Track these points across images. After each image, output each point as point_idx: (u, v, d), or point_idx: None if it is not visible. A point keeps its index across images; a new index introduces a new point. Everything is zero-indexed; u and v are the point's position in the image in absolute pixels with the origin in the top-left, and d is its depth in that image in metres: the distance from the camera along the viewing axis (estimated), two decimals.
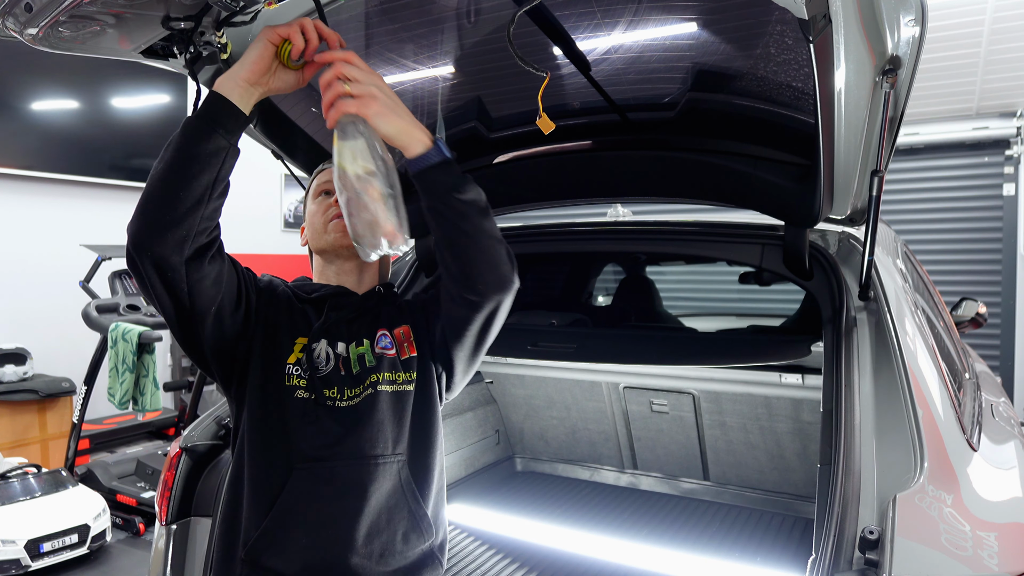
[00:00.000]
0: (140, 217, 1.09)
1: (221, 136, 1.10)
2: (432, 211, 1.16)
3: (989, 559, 1.04)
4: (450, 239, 1.17)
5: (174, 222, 1.07)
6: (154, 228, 1.08)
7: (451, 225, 1.15)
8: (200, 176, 1.08)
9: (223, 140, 1.10)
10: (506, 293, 1.21)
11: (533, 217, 2.57)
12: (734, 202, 1.82)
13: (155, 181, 1.09)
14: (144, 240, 1.08)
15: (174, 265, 1.09)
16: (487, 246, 1.17)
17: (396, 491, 1.25)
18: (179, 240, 1.08)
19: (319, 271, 1.40)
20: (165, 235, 1.07)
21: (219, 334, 1.20)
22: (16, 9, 1.08)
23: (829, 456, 1.33)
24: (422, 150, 1.13)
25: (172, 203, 1.07)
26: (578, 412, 3.04)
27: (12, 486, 3.46)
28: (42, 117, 4.67)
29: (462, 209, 1.14)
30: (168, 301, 1.14)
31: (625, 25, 1.42)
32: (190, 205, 1.08)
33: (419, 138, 1.13)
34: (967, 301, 3.19)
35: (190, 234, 1.09)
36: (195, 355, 1.23)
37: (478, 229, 1.16)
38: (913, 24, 1.14)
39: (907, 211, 5.74)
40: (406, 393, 1.28)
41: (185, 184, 1.07)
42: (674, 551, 2.44)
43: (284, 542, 1.19)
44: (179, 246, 1.09)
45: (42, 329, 4.69)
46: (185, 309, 1.15)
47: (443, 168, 1.14)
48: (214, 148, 1.09)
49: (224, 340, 1.22)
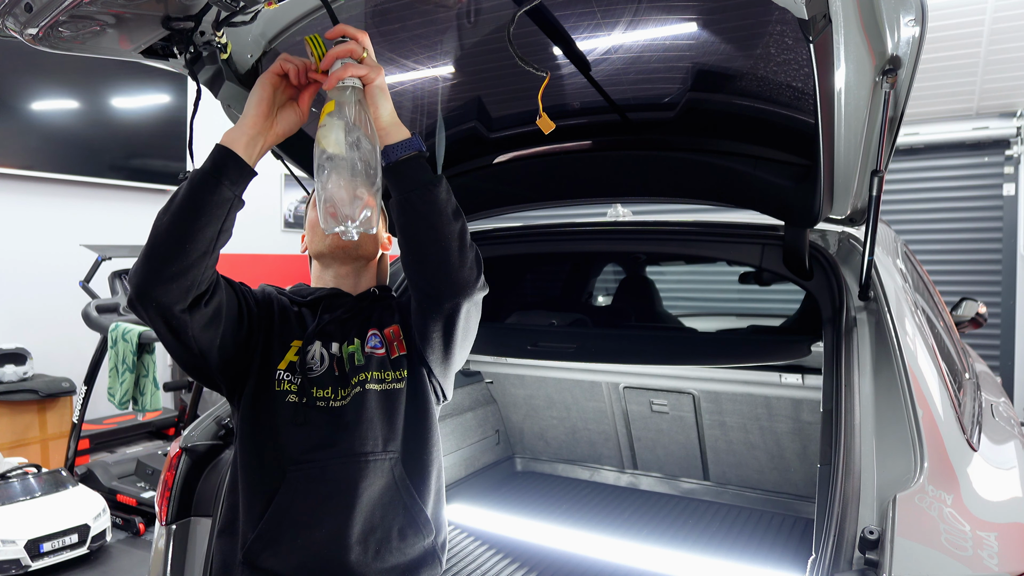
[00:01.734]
0: (145, 268, 1.09)
1: (227, 188, 1.11)
2: (404, 204, 1.14)
3: (989, 559, 1.04)
4: (416, 235, 1.15)
5: (180, 273, 1.09)
6: (159, 279, 1.09)
7: (420, 219, 1.14)
8: (206, 228, 1.09)
9: (228, 192, 1.11)
10: (464, 298, 1.19)
11: (533, 217, 2.57)
12: (734, 202, 1.82)
13: (161, 233, 1.10)
14: (149, 291, 1.09)
15: (177, 314, 1.12)
16: (452, 247, 1.14)
17: (390, 488, 1.25)
18: (184, 290, 1.10)
19: (317, 276, 1.42)
20: (170, 286, 1.09)
21: (225, 357, 1.23)
22: (16, 9, 1.08)
23: (829, 456, 1.33)
24: (404, 138, 1.14)
25: (178, 255, 1.08)
26: (578, 412, 3.04)
27: (12, 486, 3.46)
28: (42, 117, 4.67)
29: (434, 204, 1.13)
30: (174, 342, 1.16)
31: (625, 25, 1.42)
32: (196, 257, 1.09)
33: (402, 127, 1.15)
34: (967, 301, 3.19)
35: (194, 284, 1.11)
36: (204, 380, 1.26)
37: (447, 228, 1.14)
38: (913, 24, 1.14)
39: (907, 211, 5.74)
40: (396, 391, 1.29)
41: (191, 236, 1.09)
42: (674, 551, 2.44)
43: (280, 542, 1.20)
44: (183, 296, 1.11)
45: (42, 329, 4.69)
46: (191, 349, 1.17)
47: (420, 162, 1.15)
48: (220, 200, 1.11)
49: (230, 361, 1.24)
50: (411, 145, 1.14)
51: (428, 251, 1.15)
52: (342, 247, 1.35)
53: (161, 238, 1.09)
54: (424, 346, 1.29)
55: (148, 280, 1.09)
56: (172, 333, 1.14)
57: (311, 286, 1.42)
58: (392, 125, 1.14)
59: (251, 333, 1.27)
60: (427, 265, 1.16)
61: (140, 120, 5.20)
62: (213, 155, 1.13)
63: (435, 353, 1.30)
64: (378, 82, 1.11)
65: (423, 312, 1.24)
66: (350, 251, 1.37)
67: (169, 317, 1.11)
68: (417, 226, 1.14)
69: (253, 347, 1.27)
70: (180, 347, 1.17)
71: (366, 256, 1.41)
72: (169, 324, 1.12)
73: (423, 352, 1.31)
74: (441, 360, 1.32)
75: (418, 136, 1.16)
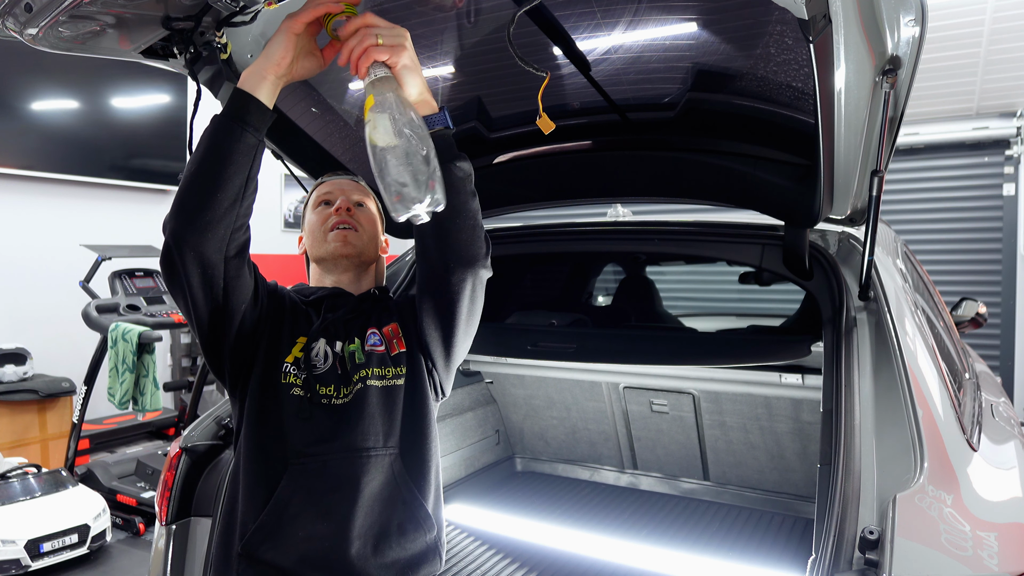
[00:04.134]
0: (180, 216, 1.11)
1: (251, 134, 1.12)
2: None
3: (989, 559, 1.04)
4: None
5: (215, 221, 1.10)
6: (196, 227, 1.10)
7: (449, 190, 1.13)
8: (235, 176, 1.11)
9: (252, 138, 1.12)
10: (477, 268, 1.21)
11: (533, 217, 2.57)
12: (734, 202, 1.82)
13: (191, 183, 1.11)
14: (187, 237, 1.10)
15: (215, 262, 1.13)
16: (474, 221, 1.19)
17: (389, 483, 1.26)
18: (220, 238, 1.11)
19: (316, 279, 1.43)
20: (206, 234, 1.10)
21: (240, 332, 1.23)
22: (16, 9, 1.08)
23: (829, 456, 1.33)
24: (432, 112, 1.15)
25: (211, 203, 1.10)
26: (578, 412, 3.04)
27: (12, 486, 3.46)
28: (42, 117, 4.67)
29: (459, 180, 1.16)
30: (203, 299, 1.16)
31: (625, 25, 1.42)
32: (228, 204, 1.11)
33: (431, 100, 1.16)
34: (967, 301, 3.19)
35: (228, 231, 1.12)
36: (214, 356, 1.26)
37: (472, 202, 1.18)
38: (913, 24, 1.14)
39: (907, 211, 5.74)
40: (396, 387, 1.30)
41: (222, 184, 1.10)
42: (674, 551, 2.44)
43: (280, 536, 1.21)
44: (220, 244, 1.12)
45: (42, 329, 4.68)
46: (219, 307, 1.18)
47: (448, 136, 1.16)
48: (245, 147, 1.11)
49: (243, 339, 1.25)
50: (440, 120, 1.16)
51: (451, 223, 1.17)
52: (343, 254, 1.36)
53: (192, 188, 1.10)
54: (428, 334, 1.30)
55: (185, 227, 1.10)
56: (205, 286, 1.14)
57: (312, 286, 1.43)
58: (421, 101, 1.14)
59: (260, 318, 1.28)
60: (447, 236, 1.18)
61: (140, 120, 5.20)
62: (234, 100, 1.12)
63: (438, 342, 1.30)
64: (403, 62, 1.11)
65: (433, 290, 1.25)
66: (351, 257, 1.38)
67: (206, 266, 1.12)
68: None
69: (260, 334, 1.28)
70: (208, 305, 1.17)
71: (367, 261, 1.41)
72: (204, 275, 1.13)
73: (426, 342, 1.31)
74: (444, 349, 1.32)
75: (446, 110, 1.17)
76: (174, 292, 1.18)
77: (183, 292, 1.16)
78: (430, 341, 1.31)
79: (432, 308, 1.27)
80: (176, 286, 1.16)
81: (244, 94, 1.12)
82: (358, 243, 1.38)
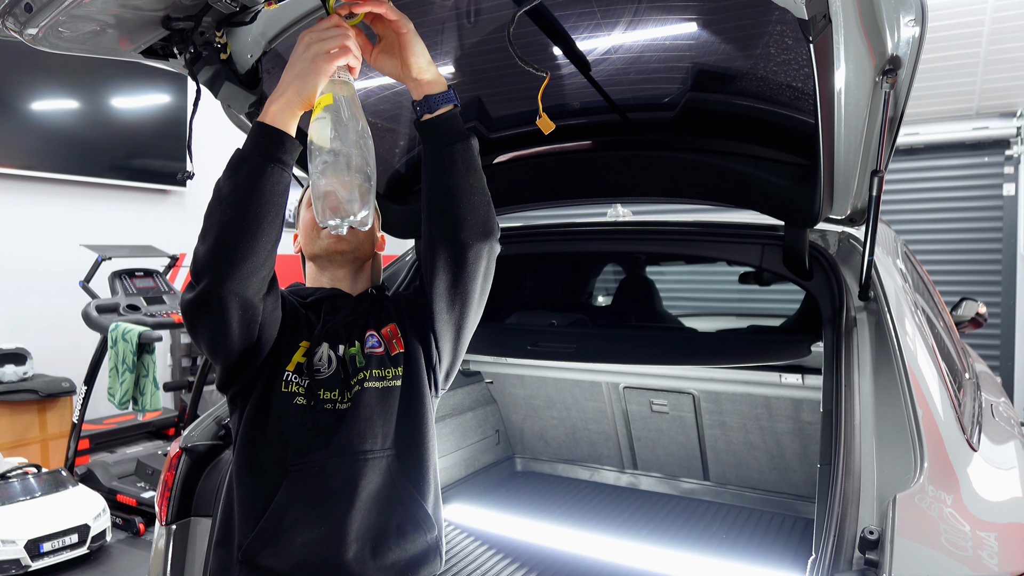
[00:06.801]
0: (223, 262, 1.06)
1: (288, 171, 1.10)
2: (441, 157, 1.18)
3: (989, 559, 1.04)
4: (455, 184, 1.19)
5: (260, 264, 1.08)
6: (242, 272, 1.07)
7: (457, 173, 1.18)
8: (278, 216, 1.09)
9: (288, 174, 1.11)
10: (489, 242, 1.24)
11: (533, 217, 2.57)
12: (734, 202, 1.82)
13: (233, 228, 1.06)
14: (231, 284, 1.07)
15: (256, 303, 1.12)
16: (484, 198, 1.22)
17: (387, 485, 1.25)
18: (263, 279, 1.11)
19: (312, 278, 1.41)
20: (252, 278, 1.08)
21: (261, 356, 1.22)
22: (16, 9, 1.08)
23: (829, 456, 1.33)
24: (442, 89, 1.16)
25: (255, 247, 1.07)
26: (578, 412, 3.04)
27: (12, 486, 3.46)
28: (42, 117, 4.67)
29: (470, 159, 1.19)
30: (238, 337, 1.14)
31: (625, 25, 1.42)
32: (271, 245, 1.10)
33: (441, 78, 1.17)
34: (967, 301, 3.19)
35: (270, 269, 1.11)
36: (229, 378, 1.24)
37: (480, 180, 1.21)
38: (913, 24, 1.14)
39: (907, 211, 5.74)
40: (393, 388, 1.29)
41: (267, 227, 1.08)
42: (674, 551, 2.44)
43: (279, 541, 1.20)
44: (262, 284, 1.11)
45: (42, 329, 4.69)
46: (252, 344, 1.17)
47: (457, 115, 1.18)
48: (284, 186, 1.10)
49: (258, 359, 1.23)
50: (449, 98, 1.18)
51: (461, 200, 1.19)
52: (338, 250, 1.34)
53: (233, 233, 1.06)
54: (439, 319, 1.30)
55: (227, 274, 1.06)
56: (243, 327, 1.12)
57: (308, 286, 1.42)
58: (432, 74, 1.15)
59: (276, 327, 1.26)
60: (467, 215, 1.20)
61: (140, 120, 5.20)
62: (267, 138, 1.08)
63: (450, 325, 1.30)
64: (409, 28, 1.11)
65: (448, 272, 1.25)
66: (346, 253, 1.36)
67: (247, 308, 1.11)
68: (457, 175, 1.19)
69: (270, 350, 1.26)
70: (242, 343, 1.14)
71: (362, 257, 1.40)
72: (245, 316, 1.11)
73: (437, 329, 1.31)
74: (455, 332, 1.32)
75: (453, 88, 1.19)
76: (201, 333, 1.13)
77: (215, 335, 1.12)
78: (440, 328, 1.31)
79: (446, 291, 1.27)
80: (205, 328, 1.12)
81: (277, 131, 1.08)
82: (352, 239, 1.35)
